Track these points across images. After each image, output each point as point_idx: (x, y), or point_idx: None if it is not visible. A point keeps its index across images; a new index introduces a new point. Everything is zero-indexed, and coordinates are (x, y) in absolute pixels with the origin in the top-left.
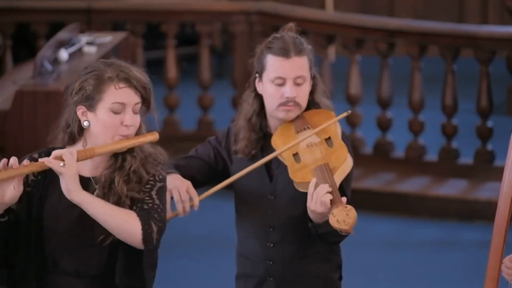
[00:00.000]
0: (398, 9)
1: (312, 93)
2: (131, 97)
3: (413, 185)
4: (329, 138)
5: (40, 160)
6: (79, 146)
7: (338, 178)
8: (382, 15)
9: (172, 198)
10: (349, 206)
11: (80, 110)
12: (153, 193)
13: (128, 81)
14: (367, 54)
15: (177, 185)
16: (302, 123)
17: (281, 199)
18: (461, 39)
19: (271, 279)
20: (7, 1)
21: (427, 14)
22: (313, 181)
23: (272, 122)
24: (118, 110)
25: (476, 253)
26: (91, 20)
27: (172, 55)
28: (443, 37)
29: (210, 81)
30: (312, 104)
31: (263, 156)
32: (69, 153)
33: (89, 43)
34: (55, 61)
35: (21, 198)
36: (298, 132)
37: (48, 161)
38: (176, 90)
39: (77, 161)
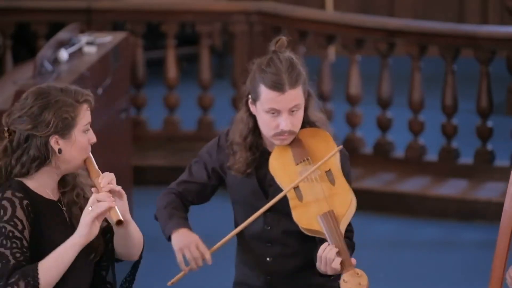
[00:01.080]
0: (398, 9)
1: (306, 109)
2: (90, 115)
3: (413, 185)
4: (330, 170)
5: (106, 189)
6: (48, 172)
7: (344, 225)
8: (382, 15)
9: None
10: (360, 272)
11: (53, 140)
12: None
13: (90, 102)
14: (367, 54)
15: (187, 244)
16: (301, 152)
17: (278, 216)
18: (461, 39)
19: None
20: (7, 1)
21: (427, 14)
22: (324, 246)
23: (268, 140)
24: (87, 129)
25: (476, 253)
26: (91, 20)
27: (172, 55)
28: (443, 37)
29: (210, 81)
30: (306, 120)
31: (257, 174)
32: (113, 175)
33: (89, 43)
34: (55, 61)
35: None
36: (297, 164)
37: (115, 187)
38: (176, 90)
39: None
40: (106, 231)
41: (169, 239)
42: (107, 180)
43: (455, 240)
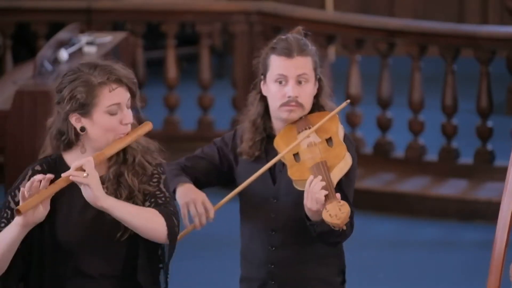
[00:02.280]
0: (398, 9)
1: (317, 95)
2: (124, 96)
3: (413, 185)
4: (330, 138)
5: (63, 175)
6: (77, 151)
7: (336, 176)
8: (382, 15)
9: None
10: (342, 201)
11: (74, 118)
12: (161, 186)
13: (120, 81)
14: (367, 54)
15: (193, 199)
16: (304, 124)
17: (284, 203)
18: (461, 39)
19: (273, 282)
20: (7, 1)
21: (427, 14)
22: (310, 178)
23: (276, 124)
24: (114, 111)
25: (476, 253)
26: (91, 20)
27: (172, 55)
28: (443, 37)
29: (210, 81)
30: (317, 107)
31: (267, 159)
32: (88, 162)
33: (89, 43)
34: (55, 61)
35: None
36: (299, 132)
37: (73, 176)
38: (176, 90)
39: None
40: None
41: (173, 193)
42: (74, 166)
43: (455, 240)
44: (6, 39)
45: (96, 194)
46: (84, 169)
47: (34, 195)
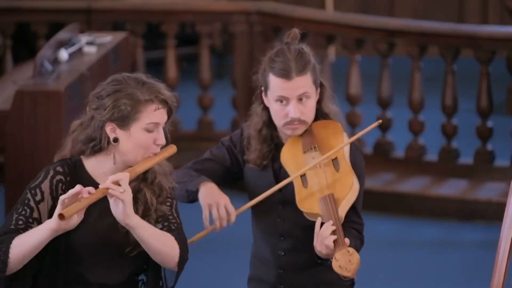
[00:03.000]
0: (398, 9)
1: (319, 101)
2: (164, 117)
3: (413, 185)
4: (336, 158)
5: (101, 187)
6: (98, 159)
7: (344, 208)
8: (382, 15)
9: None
10: (351, 250)
11: (110, 127)
12: (174, 210)
13: (165, 102)
14: (367, 54)
15: (217, 201)
16: (309, 141)
17: (291, 208)
18: (461, 39)
19: (282, 286)
20: (7, 1)
21: (427, 14)
22: (319, 220)
23: (282, 133)
24: (152, 129)
25: (476, 253)
26: (91, 20)
27: (172, 55)
28: (443, 37)
29: (210, 81)
30: (320, 113)
31: (273, 166)
32: (125, 177)
33: (89, 43)
34: (55, 61)
35: (49, 212)
36: (305, 152)
37: (112, 189)
38: (176, 90)
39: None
40: None
41: (196, 193)
42: (113, 178)
43: (455, 240)
44: (6, 39)
45: (127, 211)
46: (120, 184)
47: (75, 202)
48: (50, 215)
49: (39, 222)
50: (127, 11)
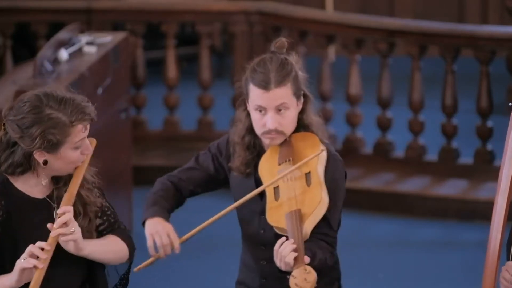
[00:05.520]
0: (398, 9)
1: (302, 112)
2: (87, 129)
3: (413, 185)
4: (309, 172)
5: (51, 235)
6: (28, 177)
7: (310, 223)
8: (382, 15)
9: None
10: (308, 268)
11: (38, 153)
12: (105, 199)
13: (91, 118)
14: (367, 54)
15: (159, 231)
16: (286, 152)
17: None
18: (461, 39)
19: None
20: (7, 1)
21: (427, 14)
22: (281, 240)
23: (264, 141)
24: (79, 145)
25: (476, 253)
26: (91, 20)
27: (172, 55)
28: (443, 37)
29: (210, 81)
30: (301, 123)
31: (255, 175)
32: (70, 214)
33: (89, 43)
34: (55, 61)
35: None
36: (280, 164)
37: (63, 235)
38: (176, 90)
39: None
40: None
41: (143, 224)
42: (61, 221)
43: (455, 240)
44: (6, 39)
45: (80, 246)
46: (67, 224)
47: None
48: (4, 236)
49: None
50: (127, 11)
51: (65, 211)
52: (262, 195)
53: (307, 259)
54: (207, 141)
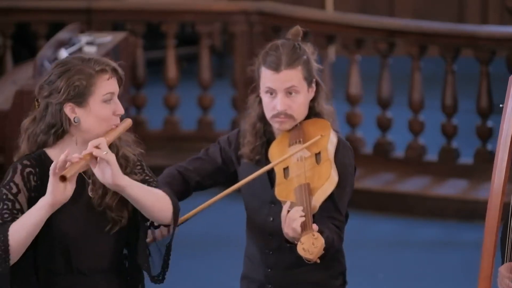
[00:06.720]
0: (398, 9)
1: (313, 100)
2: (116, 86)
3: (413, 185)
4: (319, 153)
5: (85, 152)
6: (61, 147)
7: (319, 198)
8: (382, 15)
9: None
10: (316, 234)
11: (68, 108)
12: (147, 171)
13: (115, 71)
14: (367, 54)
15: None
16: (296, 135)
17: (281, 207)
18: (461, 39)
19: (270, 286)
20: (7, 1)
21: (427, 14)
22: (287, 204)
23: (275, 128)
24: (109, 99)
25: (476, 253)
26: (91, 20)
27: (172, 55)
28: (443, 37)
29: (210, 81)
30: (313, 112)
31: (266, 163)
32: (103, 141)
33: (89, 43)
34: (55, 61)
35: (28, 204)
36: (290, 145)
37: (96, 151)
38: (176, 90)
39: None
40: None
41: None
42: (93, 144)
43: (455, 240)
44: (6, 39)
45: (115, 172)
46: (100, 147)
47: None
48: (29, 206)
49: (23, 212)
50: (127, 11)
51: (100, 141)
52: (272, 183)
53: (315, 227)
54: (207, 141)
